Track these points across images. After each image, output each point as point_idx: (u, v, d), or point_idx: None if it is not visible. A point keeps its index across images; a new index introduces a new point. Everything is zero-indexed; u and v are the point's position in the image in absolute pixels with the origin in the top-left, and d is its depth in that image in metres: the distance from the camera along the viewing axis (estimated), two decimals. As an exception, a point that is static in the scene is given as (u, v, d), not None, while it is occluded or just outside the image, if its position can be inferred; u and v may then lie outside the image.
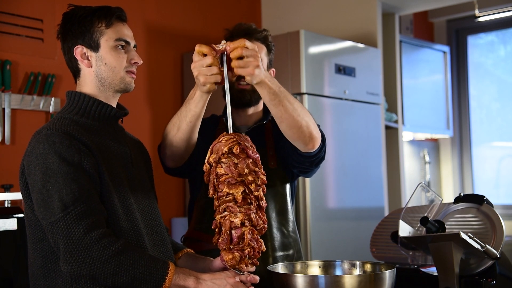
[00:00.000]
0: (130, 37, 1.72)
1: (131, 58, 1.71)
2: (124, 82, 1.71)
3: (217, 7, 3.93)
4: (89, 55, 1.68)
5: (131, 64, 1.71)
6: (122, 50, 1.69)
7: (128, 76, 1.71)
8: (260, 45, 2.10)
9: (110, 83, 1.69)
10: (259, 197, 1.53)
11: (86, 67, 1.69)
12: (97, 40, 1.67)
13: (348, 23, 3.93)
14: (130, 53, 1.71)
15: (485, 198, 1.97)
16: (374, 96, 3.63)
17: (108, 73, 1.68)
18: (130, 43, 1.72)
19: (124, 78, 1.70)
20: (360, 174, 3.50)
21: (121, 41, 1.69)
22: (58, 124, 1.61)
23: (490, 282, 1.84)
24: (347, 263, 1.82)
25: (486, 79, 5.13)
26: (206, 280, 1.55)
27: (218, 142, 1.54)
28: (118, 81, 1.69)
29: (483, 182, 5.11)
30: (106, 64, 1.68)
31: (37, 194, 1.54)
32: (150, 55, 3.50)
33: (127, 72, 1.70)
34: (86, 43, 1.67)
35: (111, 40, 1.67)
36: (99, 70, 1.68)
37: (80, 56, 1.68)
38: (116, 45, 1.68)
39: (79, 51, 1.68)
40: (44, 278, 1.59)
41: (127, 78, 1.71)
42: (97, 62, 1.68)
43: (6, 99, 2.80)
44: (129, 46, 1.71)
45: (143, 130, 3.43)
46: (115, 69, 1.68)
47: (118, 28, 1.69)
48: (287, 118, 1.84)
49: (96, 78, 1.69)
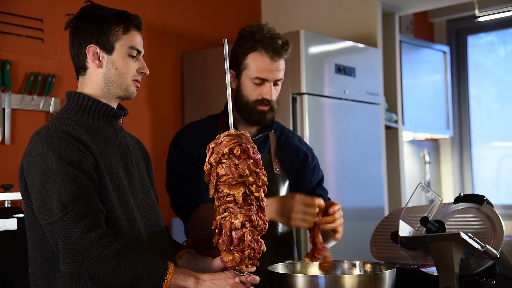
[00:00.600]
0: (142, 46, 1.73)
1: (140, 67, 1.72)
2: (128, 91, 1.71)
3: (217, 7, 3.93)
4: (102, 56, 1.68)
5: (138, 74, 1.72)
6: (133, 58, 1.70)
7: (133, 84, 1.72)
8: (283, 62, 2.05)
9: (116, 88, 1.69)
10: (259, 198, 1.53)
11: (95, 67, 1.69)
12: (112, 43, 1.67)
13: (348, 23, 3.93)
14: (139, 62, 1.72)
15: (485, 198, 1.97)
16: (374, 96, 3.63)
17: (116, 78, 1.69)
18: (141, 52, 1.73)
19: (130, 86, 1.71)
20: (360, 174, 3.50)
21: (134, 50, 1.69)
22: (57, 124, 1.61)
23: (490, 282, 1.84)
24: (347, 263, 1.82)
25: (486, 79, 5.12)
26: (206, 280, 1.55)
27: (219, 143, 1.54)
28: (123, 87, 1.70)
29: (483, 182, 5.11)
30: (117, 69, 1.68)
31: (36, 194, 1.54)
32: (150, 55, 3.50)
33: (133, 81, 1.71)
34: (101, 44, 1.67)
35: (126, 47, 1.68)
36: (109, 73, 1.68)
37: (92, 55, 1.68)
38: (129, 52, 1.69)
39: (92, 50, 1.67)
40: (44, 278, 1.59)
41: (132, 86, 1.72)
42: (108, 64, 1.68)
43: (6, 99, 2.80)
44: (139, 55, 1.72)
45: (143, 130, 3.43)
46: (124, 76, 1.69)
47: (134, 36, 1.70)
48: None
49: (103, 80, 1.69)
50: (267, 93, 2.02)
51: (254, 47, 2.01)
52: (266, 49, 2.00)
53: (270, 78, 2.01)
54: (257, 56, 2.01)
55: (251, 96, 2.02)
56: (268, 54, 2.00)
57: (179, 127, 3.64)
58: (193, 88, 3.64)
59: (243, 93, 2.05)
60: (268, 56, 2.00)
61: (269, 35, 2.02)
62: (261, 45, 2.00)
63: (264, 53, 2.00)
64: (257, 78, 2.01)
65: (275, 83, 2.04)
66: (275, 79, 2.02)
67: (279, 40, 2.03)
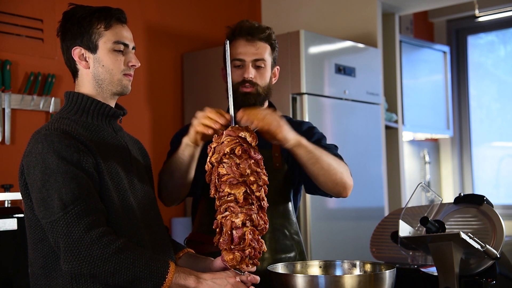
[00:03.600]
0: (129, 39, 1.72)
1: (128, 60, 1.70)
2: (121, 85, 1.70)
3: (217, 7, 3.93)
4: (87, 56, 1.68)
5: (128, 67, 1.70)
6: (120, 53, 1.68)
7: (125, 78, 1.70)
8: (263, 44, 2.09)
9: (108, 85, 1.69)
10: (260, 197, 1.53)
11: (84, 68, 1.69)
12: (95, 41, 1.66)
13: (348, 23, 3.93)
14: (128, 56, 1.70)
15: (485, 198, 1.97)
16: (374, 96, 3.63)
17: (105, 75, 1.68)
18: (129, 45, 1.71)
19: (121, 80, 1.70)
20: (360, 174, 3.50)
21: (120, 44, 1.68)
22: (56, 123, 1.61)
23: (490, 282, 1.84)
24: (347, 263, 1.82)
25: (486, 79, 5.13)
26: (207, 279, 1.55)
27: (220, 142, 1.54)
28: (115, 83, 1.69)
29: (483, 182, 5.11)
30: (104, 66, 1.67)
31: (36, 194, 1.54)
32: (150, 55, 3.50)
33: (124, 75, 1.70)
34: (84, 44, 1.67)
35: (110, 42, 1.67)
36: (97, 71, 1.68)
37: (78, 57, 1.68)
38: (115, 47, 1.67)
39: (77, 52, 1.67)
40: (44, 278, 1.59)
41: (124, 80, 1.70)
42: (95, 63, 1.68)
43: (6, 99, 2.80)
44: (127, 48, 1.71)
45: (143, 130, 3.43)
46: (112, 72, 1.68)
47: (117, 30, 1.69)
48: (323, 174, 1.91)
49: (93, 79, 1.69)
50: (245, 72, 2.06)
51: (233, 37, 2.09)
52: (241, 34, 2.09)
53: (246, 58, 2.06)
54: (234, 42, 2.08)
55: (235, 79, 2.06)
56: (242, 36, 2.08)
57: (179, 127, 3.64)
58: (193, 88, 3.64)
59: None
60: (243, 38, 2.08)
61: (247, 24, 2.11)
62: (238, 33, 2.10)
63: (239, 38, 2.09)
64: (235, 60, 2.06)
65: (257, 65, 2.07)
66: (252, 58, 2.06)
67: (256, 24, 2.12)
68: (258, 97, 2.07)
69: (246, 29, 2.09)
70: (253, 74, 2.06)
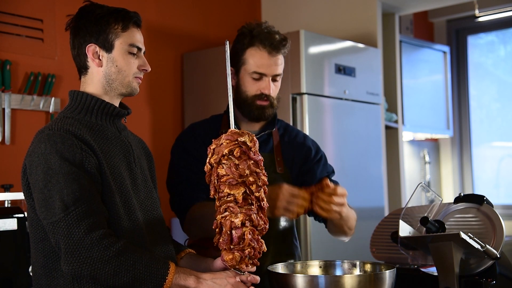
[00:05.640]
0: (142, 43, 1.73)
1: (141, 64, 1.71)
2: (131, 87, 1.71)
3: (217, 7, 3.93)
4: (101, 54, 1.68)
5: (140, 71, 1.72)
6: (133, 56, 1.70)
7: (135, 81, 1.72)
8: (282, 57, 2.06)
9: (118, 85, 1.69)
10: (260, 197, 1.53)
11: (96, 66, 1.69)
12: (111, 41, 1.67)
13: (348, 23, 3.93)
14: (140, 59, 1.72)
15: (485, 198, 1.97)
16: (374, 96, 3.63)
17: (117, 76, 1.69)
18: (141, 49, 1.72)
19: (131, 83, 1.71)
20: (360, 174, 3.50)
21: (134, 47, 1.69)
22: (60, 123, 1.61)
23: (490, 282, 1.84)
24: (347, 263, 1.82)
25: (486, 79, 5.13)
26: (207, 279, 1.55)
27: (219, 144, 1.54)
28: (125, 84, 1.70)
29: (483, 182, 5.11)
30: (117, 67, 1.68)
31: (38, 194, 1.54)
32: (150, 55, 3.50)
33: (135, 78, 1.71)
34: (100, 43, 1.67)
35: (125, 44, 1.68)
36: (109, 71, 1.68)
37: (92, 55, 1.68)
38: (129, 50, 1.68)
39: (92, 50, 1.68)
40: (46, 278, 1.59)
41: (134, 83, 1.71)
42: (108, 63, 1.68)
43: (6, 99, 2.80)
44: (140, 52, 1.72)
45: (143, 130, 3.43)
46: (125, 73, 1.69)
47: (133, 34, 1.70)
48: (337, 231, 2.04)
49: (104, 78, 1.69)
50: (265, 87, 2.03)
51: (252, 43, 2.02)
52: (264, 44, 2.01)
53: (268, 73, 2.02)
54: (254, 51, 2.02)
55: (250, 91, 2.03)
56: (266, 48, 2.01)
57: (179, 127, 3.65)
58: (193, 88, 3.64)
59: (242, 89, 2.06)
60: (266, 50, 2.01)
61: (267, 30, 2.04)
62: (258, 40, 2.01)
63: (262, 47, 2.01)
64: (255, 73, 2.02)
65: (274, 78, 2.05)
66: (273, 74, 2.03)
67: (277, 35, 2.04)
68: (272, 109, 2.07)
69: (269, 40, 2.02)
70: (273, 91, 2.05)
